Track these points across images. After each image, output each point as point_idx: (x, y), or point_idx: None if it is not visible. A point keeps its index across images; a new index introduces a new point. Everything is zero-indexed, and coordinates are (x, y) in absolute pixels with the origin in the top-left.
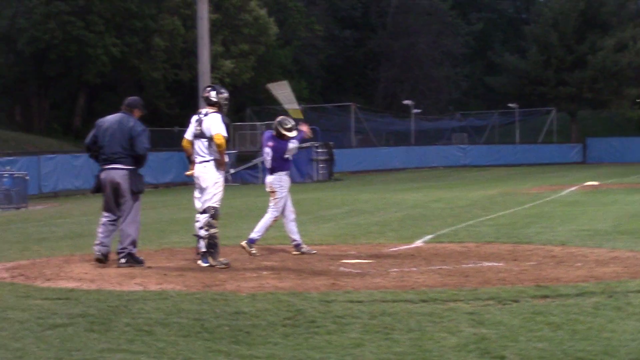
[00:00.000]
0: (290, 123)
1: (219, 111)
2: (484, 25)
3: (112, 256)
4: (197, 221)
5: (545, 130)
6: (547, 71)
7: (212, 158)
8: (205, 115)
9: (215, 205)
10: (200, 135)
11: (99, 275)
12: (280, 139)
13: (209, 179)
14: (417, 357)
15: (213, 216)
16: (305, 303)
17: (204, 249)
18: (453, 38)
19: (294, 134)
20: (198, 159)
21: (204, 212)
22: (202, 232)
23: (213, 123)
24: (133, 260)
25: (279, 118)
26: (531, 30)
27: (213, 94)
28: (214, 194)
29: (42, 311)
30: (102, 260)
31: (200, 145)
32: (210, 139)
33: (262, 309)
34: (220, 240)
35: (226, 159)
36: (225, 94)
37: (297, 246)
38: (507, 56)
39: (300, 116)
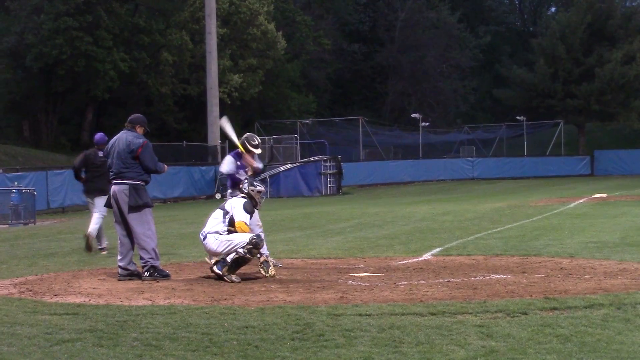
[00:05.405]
0: (257, 140)
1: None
2: (492, 38)
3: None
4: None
5: (553, 142)
6: (555, 84)
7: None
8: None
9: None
10: None
11: (107, 290)
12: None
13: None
14: None
15: (256, 245)
16: (314, 317)
17: (228, 260)
18: (461, 51)
19: (259, 151)
20: None
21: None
22: (240, 251)
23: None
24: (157, 272)
25: (246, 135)
26: (539, 43)
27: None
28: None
29: (50, 326)
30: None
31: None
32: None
33: (270, 323)
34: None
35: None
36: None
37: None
38: (515, 69)
39: (242, 150)
